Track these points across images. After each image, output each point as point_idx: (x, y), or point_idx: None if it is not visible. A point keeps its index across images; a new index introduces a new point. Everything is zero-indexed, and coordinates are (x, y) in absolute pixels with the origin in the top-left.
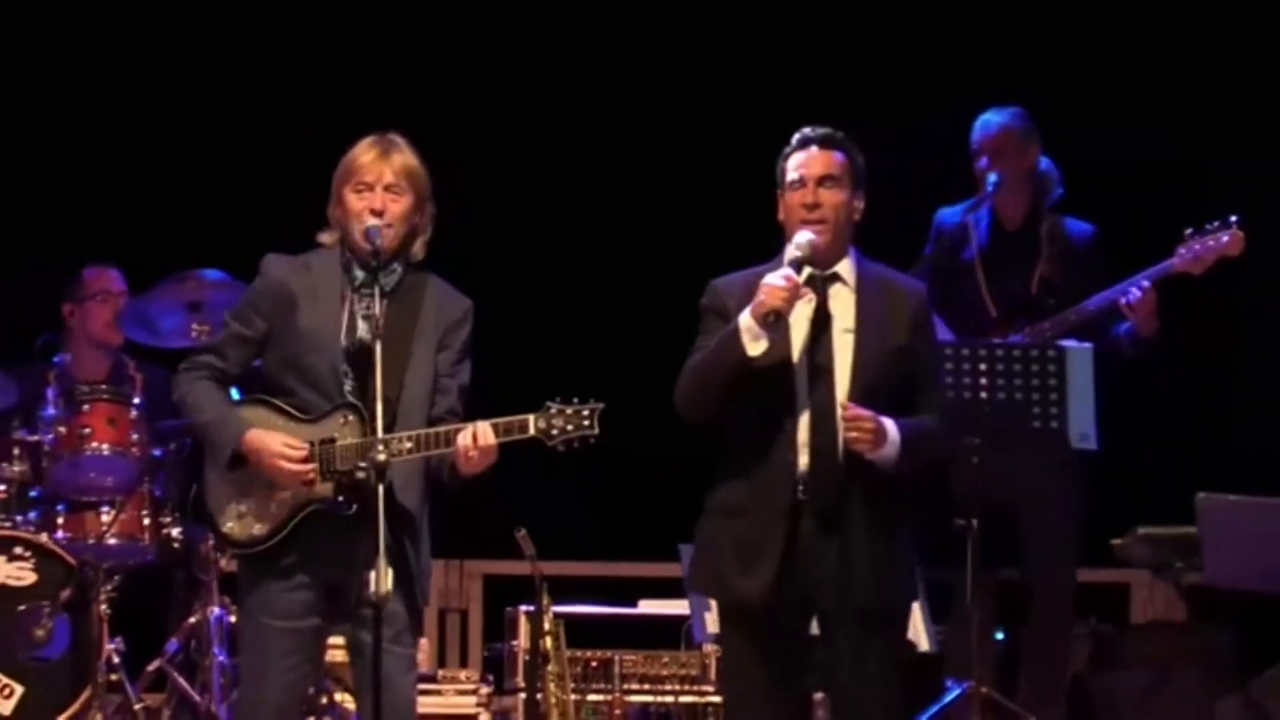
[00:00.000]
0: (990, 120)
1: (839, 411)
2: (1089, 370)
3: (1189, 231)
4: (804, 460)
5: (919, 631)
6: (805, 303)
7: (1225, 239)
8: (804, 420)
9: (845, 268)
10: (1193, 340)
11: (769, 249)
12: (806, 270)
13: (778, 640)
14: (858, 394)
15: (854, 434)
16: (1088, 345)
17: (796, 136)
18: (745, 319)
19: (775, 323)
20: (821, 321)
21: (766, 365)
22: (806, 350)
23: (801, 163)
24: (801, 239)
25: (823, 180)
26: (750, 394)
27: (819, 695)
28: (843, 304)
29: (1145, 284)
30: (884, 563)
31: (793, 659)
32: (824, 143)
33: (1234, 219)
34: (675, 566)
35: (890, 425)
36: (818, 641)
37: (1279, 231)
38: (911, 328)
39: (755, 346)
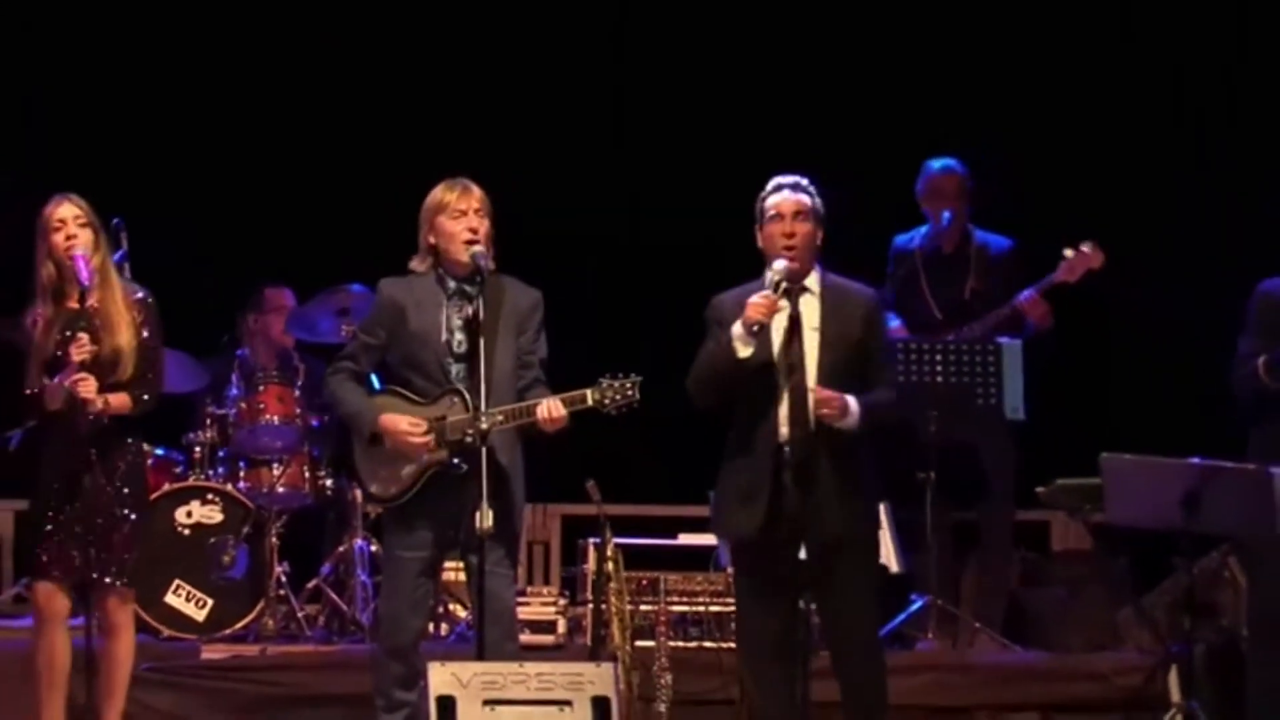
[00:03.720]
0: (944, 166)
1: (809, 392)
2: (1019, 359)
3: (1067, 251)
4: (784, 431)
5: (889, 557)
6: (782, 311)
7: (1088, 254)
8: (784, 400)
9: (812, 281)
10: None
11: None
12: (782, 287)
13: (773, 565)
14: (823, 377)
15: (824, 410)
16: (1018, 340)
17: (773, 183)
18: (736, 329)
19: (759, 331)
20: (794, 324)
21: (756, 362)
22: (784, 347)
23: (780, 202)
24: (779, 265)
25: (796, 215)
26: (746, 383)
27: (812, 605)
28: (810, 309)
29: (1031, 292)
30: (848, 501)
31: (787, 578)
32: (796, 188)
33: (1094, 240)
34: (705, 508)
35: (852, 401)
36: (806, 565)
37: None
38: (864, 324)
39: (744, 350)
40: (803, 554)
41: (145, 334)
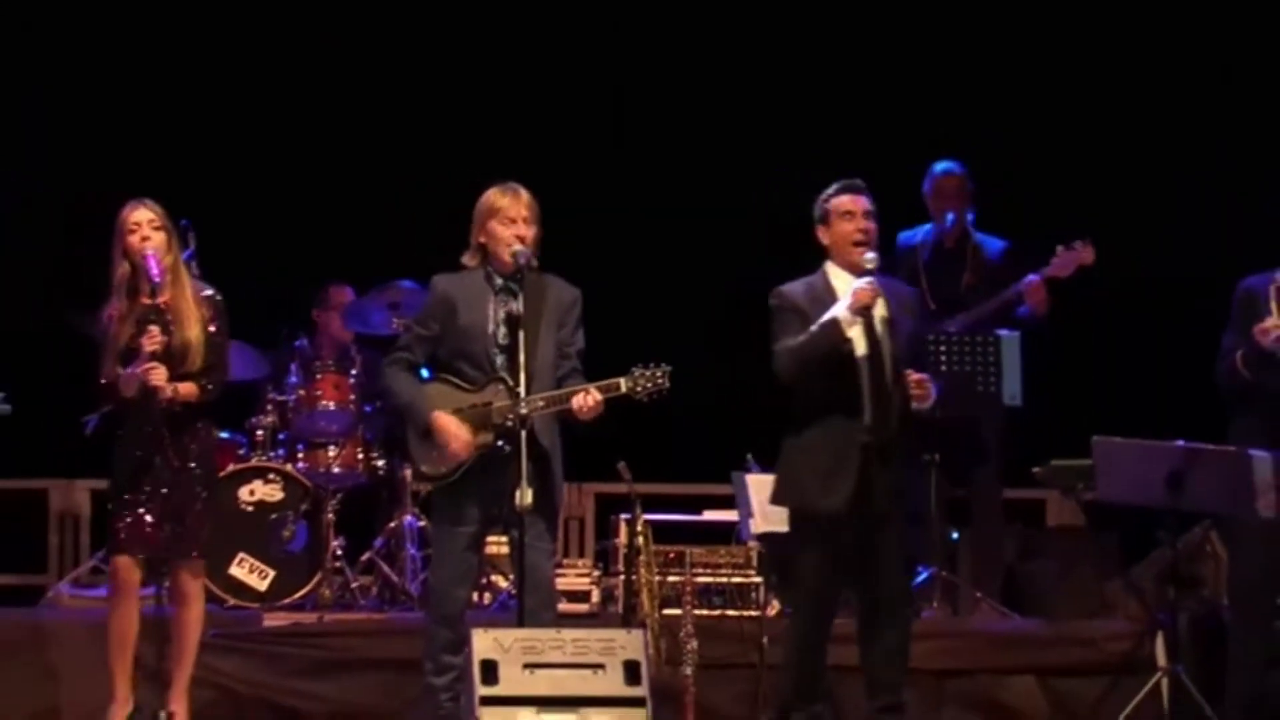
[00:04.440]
0: (945, 169)
1: (888, 376)
2: (1016, 350)
3: (1060, 247)
4: (869, 413)
5: None
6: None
7: (1080, 251)
8: (866, 384)
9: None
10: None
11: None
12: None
13: (837, 540)
14: (899, 364)
15: (919, 393)
16: (1016, 333)
17: (841, 184)
18: (843, 313)
19: (864, 314)
20: (869, 317)
21: (849, 347)
22: (865, 337)
23: (852, 202)
24: (871, 256)
25: (866, 214)
26: (835, 367)
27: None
28: (878, 303)
29: (1035, 277)
30: (902, 480)
31: (843, 553)
32: (863, 190)
33: (1087, 238)
34: (728, 486)
35: (932, 387)
36: (855, 541)
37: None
38: (914, 316)
39: (853, 330)
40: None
41: (213, 329)
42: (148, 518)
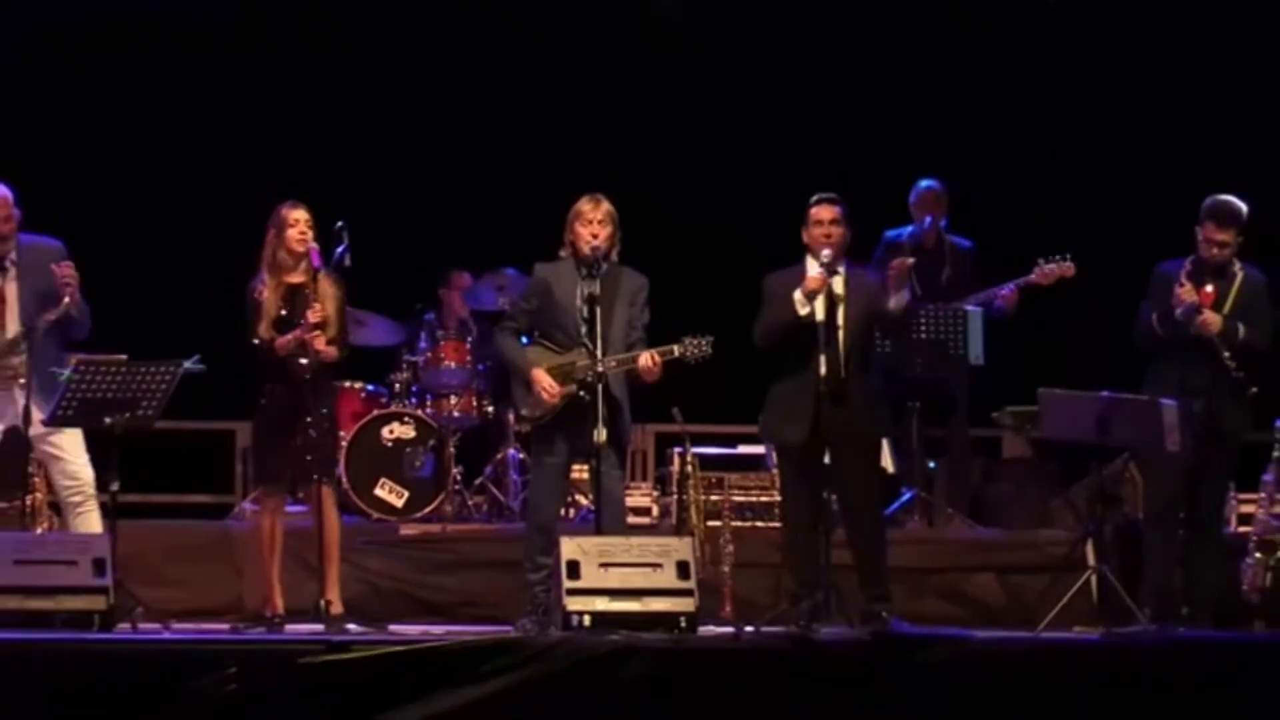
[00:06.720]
0: (926, 185)
1: (839, 339)
2: (979, 322)
3: (1041, 259)
4: (823, 369)
5: (887, 461)
6: (827, 284)
7: (1066, 267)
8: (821, 345)
9: (842, 266)
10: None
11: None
12: (829, 269)
13: (808, 465)
14: (849, 332)
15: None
16: (980, 308)
17: (818, 197)
18: (798, 295)
19: (812, 297)
20: (830, 294)
21: (805, 319)
22: (825, 311)
23: (822, 211)
24: (826, 254)
25: (833, 221)
26: (796, 334)
27: (832, 496)
28: (840, 285)
29: (1011, 288)
30: (865, 416)
31: (817, 476)
32: (834, 202)
33: (1069, 255)
34: (756, 427)
35: (905, 294)
36: (828, 466)
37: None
38: (875, 294)
39: (803, 310)
40: (826, 458)
41: (340, 307)
42: (296, 453)
